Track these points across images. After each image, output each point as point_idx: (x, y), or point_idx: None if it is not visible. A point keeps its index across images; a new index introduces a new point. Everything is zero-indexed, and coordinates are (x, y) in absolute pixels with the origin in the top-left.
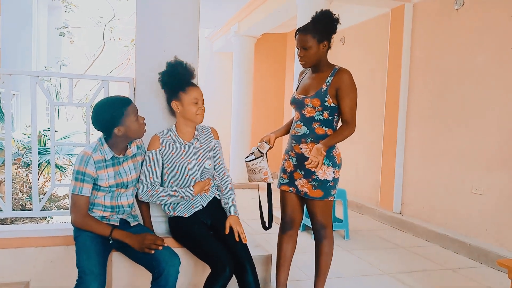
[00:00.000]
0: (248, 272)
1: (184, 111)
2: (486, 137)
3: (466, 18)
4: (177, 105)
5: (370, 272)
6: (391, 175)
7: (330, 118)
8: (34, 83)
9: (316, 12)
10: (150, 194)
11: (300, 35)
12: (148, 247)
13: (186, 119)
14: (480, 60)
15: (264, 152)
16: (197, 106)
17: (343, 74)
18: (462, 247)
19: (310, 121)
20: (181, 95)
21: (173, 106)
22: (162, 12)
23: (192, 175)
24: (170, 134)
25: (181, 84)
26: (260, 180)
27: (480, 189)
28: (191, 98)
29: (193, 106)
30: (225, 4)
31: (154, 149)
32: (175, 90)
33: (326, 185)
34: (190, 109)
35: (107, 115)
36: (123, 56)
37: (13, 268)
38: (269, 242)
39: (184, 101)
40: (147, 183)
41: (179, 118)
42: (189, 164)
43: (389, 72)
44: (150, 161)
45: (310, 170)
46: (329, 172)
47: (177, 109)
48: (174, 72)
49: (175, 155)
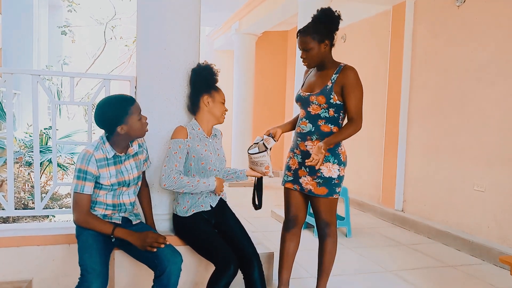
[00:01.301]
0: (255, 268)
1: (214, 107)
2: (487, 134)
3: (467, 15)
4: (209, 100)
5: (372, 270)
6: (392, 173)
7: (336, 115)
8: (35, 82)
9: (317, 11)
10: (175, 180)
11: (301, 37)
12: (150, 245)
13: (211, 116)
14: (481, 57)
15: (269, 147)
16: (224, 106)
17: (348, 71)
18: (464, 244)
19: (316, 118)
20: (214, 92)
21: (203, 100)
22: (163, 10)
23: (214, 167)
24: (194, 128)
25: (215, 82)
26: (260, 172)
27: (482, 186)
28: (221, 98)
29: (221, 105)
30: (226, 2)
31: (181, 138)
32: (210, 86)
33: (331, 183)
34: (218, 107)
35: (110, 113)
36: (125, 55)
37: (16, 266)
38: (271, 240)
39: (215, 99)
40: (172, 169)
41: (204, 113)
42: (211, 157)
43: (391, 69)
44: (177, 149)
45: (315, 168)
46: (334, 170)
47: (207, 104)
48: (212, 70)
49: (200, 147)
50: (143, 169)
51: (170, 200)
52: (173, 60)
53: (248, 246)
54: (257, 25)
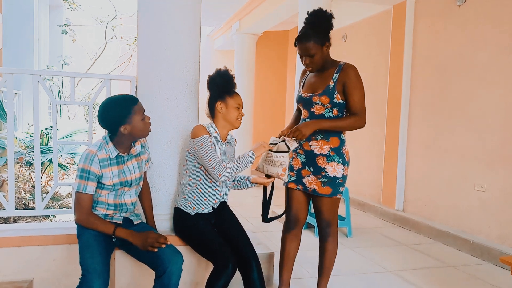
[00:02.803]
0: (253, 268)
1: (227, 113)
2: (488, 134)
3: (468, 14)
4: (222, 106)
5: (372, 270)
6: (393, 173)
7: (340, 114)
8: (36, 82)
9: (307, 14)
10: (227, 167)
11: (301, 44)
12: (151, 245)
13: (226, 122)
14: (482, 57)
15: (292, 149)
16: (239, 111)
17: (349, 69)
18: (465, 244)
19: (320, 118)
20: (227, 98)
21: (217, 106)
22: (163, 10)
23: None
24: (211, 130)
25: (229, 88)
26: (275, 174)
27: (483, 186)
28: (235, 103)
29: (235, 110)
30: (226, 2)
31: (207, 134)
32: (223, 92)
33: (335, 182)
34: (232, 112)
35: (114, 113)
36: (125, 54)
37: (17, 266)
38: (271, 240)
39: (228, 104)
40: (218, 161)
41: (219, 119)
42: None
43: (391, 69)
44: (209, 144)
45: (320, 167)
46: (339, 169)
47: (220, 110)
48: (227, 76)
49: (216, 148)
50: (144, 169)
51: (171, 200)
52: (173, 60)
53: (247, 247)
54: (258, 25)
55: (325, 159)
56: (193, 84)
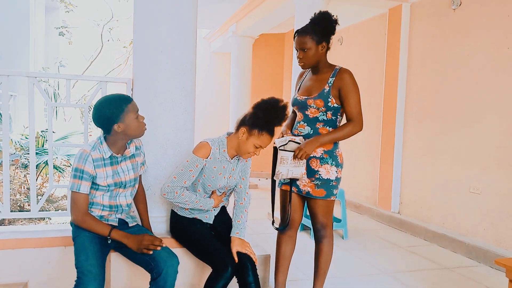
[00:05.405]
0: (249, 272)
1: (244, 143)
2: (483, 137)
3: (463, 18)
4: (245, 134)
5: (368, 272)
6: (389, 175)
7: (334, 118)
8: (31, 84)
9: (315, 14)
10: (176, 196)
11: (298, 37)
12: (146, 247)
13: (238, 148)
14: (477, 60)
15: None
16: (255, 150)
17: (344, 74)
18: (460, 247)
19: (314, 121)
20: (256, 131)
21: (241, 130)
22: (160, 13)
23: (220, 191)
24: (220, 147)
25: (264, 126)
26: (299, 175)
27: (478, 188)
28: (258, 142)
29: (253, 147)
30: (223, 5)
31: (202, 157)
32: (256, 125)
33: (329, 184)
34: (249, 147)
35: (107, 111)
36: (122, 57)
37: (12, 269)
38: (267, 242)
39: (252, 137)
40: (179, 185)
41: (234, 140)
42: (222, 181)
43: (387, 72)
44: (193, 167)
45: (313, 170)
46: (333, 172)
47: (241, 135)
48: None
49: (216, 169)
50: (140, 172)
51: (167, 202)
52: (170, 62)
53: None
54: (254, 28)
55: (318, 161)
56: (189, 87)
